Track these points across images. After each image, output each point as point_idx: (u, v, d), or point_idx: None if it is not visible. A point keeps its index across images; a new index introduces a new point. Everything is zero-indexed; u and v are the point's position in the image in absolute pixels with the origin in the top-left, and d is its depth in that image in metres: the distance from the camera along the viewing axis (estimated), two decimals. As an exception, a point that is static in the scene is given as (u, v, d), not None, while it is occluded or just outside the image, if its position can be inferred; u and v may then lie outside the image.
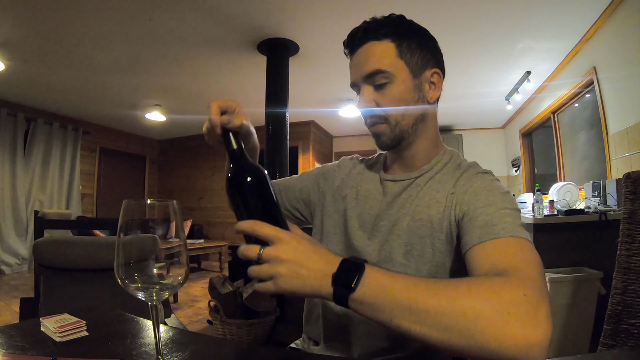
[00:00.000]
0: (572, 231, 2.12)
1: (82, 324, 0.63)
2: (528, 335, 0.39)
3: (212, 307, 2.28)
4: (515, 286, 0.42)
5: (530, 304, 0.41)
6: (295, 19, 2.87)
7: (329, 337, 0.74)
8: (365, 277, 0.44)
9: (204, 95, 4.57)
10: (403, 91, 0.66)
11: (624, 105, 2.54)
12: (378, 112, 0.68)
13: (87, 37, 3.07)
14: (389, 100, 0.67)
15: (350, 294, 0.43)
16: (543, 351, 0.39)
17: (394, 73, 0.65)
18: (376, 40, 0.66)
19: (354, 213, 0.74)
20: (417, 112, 0.69)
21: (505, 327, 0.39)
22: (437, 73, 0.70)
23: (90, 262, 1.39)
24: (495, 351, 0.39)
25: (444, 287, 0.43)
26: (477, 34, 3.05)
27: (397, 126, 0.68)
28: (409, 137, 0.70)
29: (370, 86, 0.67)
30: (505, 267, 0.48)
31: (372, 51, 0.66)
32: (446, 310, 0.41)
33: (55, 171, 5.23)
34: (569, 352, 1.94)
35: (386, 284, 0.44)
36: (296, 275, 0.45)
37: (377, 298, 0.43)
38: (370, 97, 0.67)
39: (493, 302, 0.41)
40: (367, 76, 0.67)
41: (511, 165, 5.61)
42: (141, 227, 0.45)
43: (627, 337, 0.85)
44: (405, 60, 0.66)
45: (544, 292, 0.43)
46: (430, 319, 0.41)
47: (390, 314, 0.42)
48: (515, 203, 0.60)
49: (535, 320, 0.40)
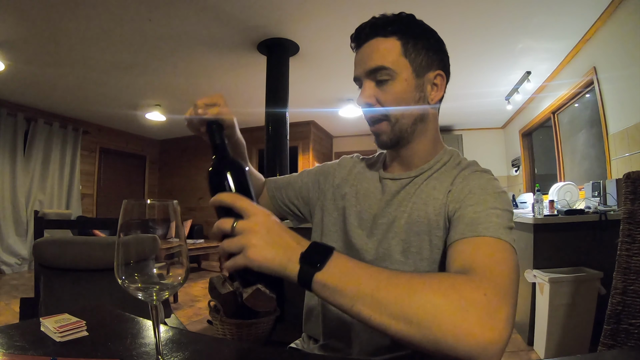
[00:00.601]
0: (572, 231, 2.12)
1: (82, 324, 0.63)
2: (484, 334, 0.39)
3: (212, 307, 2.28)
4: (476, 286, 0.43)
5: (490, 304, 0.41)
6: (295, 19, 2.87)
7: (329, 335, 0.74)
8: (332, 260, 0.45)
9: (203, 95, 4.52)
10: (404, 90, 0.66)
11: (624, 105, 2.54)
12: (377, 108, 0.68)
13: (87, 37, 3.07)
14: (390, 98, 0.67)
15: (315, 272, 0.44)
16: (498, 352, 0.39)
17: (396, 71, 0.65)
18: (383, 37, 0.67)
19: (353, 211, 0.75)
20: (417, 112, 0.69)
21: (463, 323, 0.40)
22: (441, 75, 0.70)
23: (90, 262, 1.39)
24: (452, 347, 0.40)
25: (407, 280, 0.44)
26: (477, 34, 3.05)
27: (397, 124, 0.68)
28: (407, 136, 0.70)
29: (372, 82, 0.68)
30: (473, 265, 0.48)
31: (377, 47, 0.66)
32: (406, 301, 0.42)
33: (55, 171, 5.23)
34: (569, 352, 1.94)
35: (351, 270, 0.45)
36: (266, 246, 0.45)
37: (341, 281, 0.44)
38: (371, 92, 0.67)
39: (452, 298, 0.41)
40: (369, 71, 0.67)
41: (511, 165, 5.61)
42: (141, 227, 0.45)
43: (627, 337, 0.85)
44: (410, 59, 0.66)
45: (507, 295, 0.44)
46: (390, 309, 0.42)
47: (352, 299, 0.43)
48: (508, 204, 0.60)
49: (493, 321, 0.40)
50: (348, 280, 0.44)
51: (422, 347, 0.41)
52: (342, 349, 0.72)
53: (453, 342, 0.39)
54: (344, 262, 0.46)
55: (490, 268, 0.47)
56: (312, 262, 0.44)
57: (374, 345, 0.68)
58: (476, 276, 0.46)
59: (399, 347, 0.67)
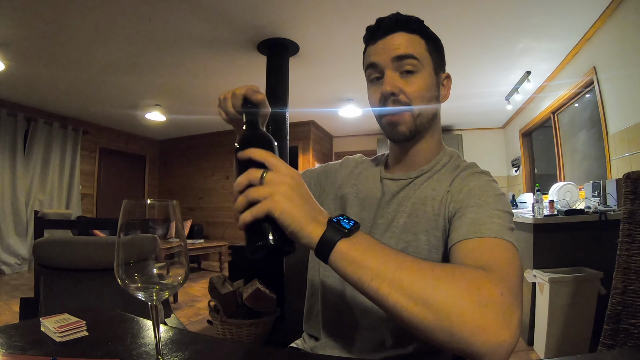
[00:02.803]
0: (572, 231, 2.12)
1: (82, 324, 0.63)
2: (499, 333, 0.39)
3: (212, 307, 2.28)
4: (495, 284, 0.42)
5: (505, 304, 0.41)
6: (295, 19, 2.87)
7: (329, 333, 0.74)
8: (359, 233, 0.45)
9: (203, 95, 4.57)
10: (428, 84, 0.68)
11: (624, 105, 2.54)
12: (402, 99, 0.66)
13: (87, 37, 3.07)
14: (415, 89, 0.66)
15: (342, 238, 0.43)
16: (508, 353, 0.39)
17: (423, 64, 0.67)
18: (407, 32, 0.67)
19: (354, 211, 0.76)
20: (434, 109, 0.71)
21: (481, 318, 0.39)
22: (449, 77, 0.74)
23: (90, 262, 1.39)
24: (466, 340, 0.39)
25: (430, 267, 0.43)
26: (477, 34, 3.05)
27: (419, 117, 0.68)
28: (423, 132, 0.71)
29: (395, 72, 0.66)
30: (487, 263, 0.48)
31: (404, 38, 0.67)
32: (429, 286, 0.41)
33: (55, 171, 5.23)
34: (569, 352, 1.94)
35: (375, 245, 0.45)
36: (295, 197, 0.44)
37: (364, 254, 0.43)
38: (395, 82, 0.66)
39: (473, 291, 0.41)
40: (396, 57, 0.65)
41: (511, 165, 5.61)
42: (141, 227, 0.45)
43: (627, 337, 0.85)
44: (432, 57, 0.69)
45: (518, 297, 0.44)
46: (411, 290, 0.41)
47: (372, 273, 0.42)
48: (508, 206, 0.60)
49: (508, 321, 0.40)
50: (372, 254, 0.43)
51: (434, 336, 0.40)
52: (342, 347, 0.72)
53: (469, 335, 0.39)
54: (368, 238, 0.45)
55: (503, 268, 0.47)
56: (340, 228, 0.44)
57: (374, 343, 0.68)
58: (493, 274, 0.45)
59: (399, 345, 0.67)
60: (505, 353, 0.39)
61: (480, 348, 0.39)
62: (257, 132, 0.53)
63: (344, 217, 0.46)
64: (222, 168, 6.54)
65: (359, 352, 0.69)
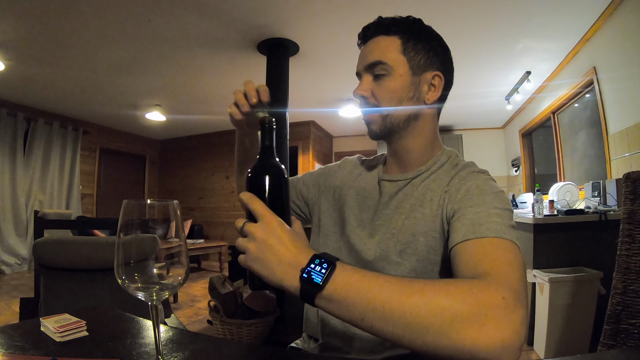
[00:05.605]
0: (572, 231, 2.12)
1: (82, 324, 0.63)
2: (504, 337, 0.39)
3: (212, 307, 2.28)
4: (494, 290, 0.42)
5: (508, 307, 0.41)
6: (295, 19, 2.87)
7: (328, 334, 0.74)
8: (337, 274, 0.43)
9: (203, 95, 4.57)
10: (399, 85, 0.68)
11: (624, 105, 2.54)
12: (371, 101, 0.70)
13: (87, 37, 3.07)
14: (384, 92, 0.69)
15: (318, 292, 0.43)
16: (516, 354, 0.39)
17: (393, 67, 0.68)
18: (385, 35, 0.70)
19: (352, 212, 0.75)
20: (411, 109, 0.70)
21: (482, 328, 0.39)
22: (439, 76, 0.71)
23: (90, 262, 1.39)
24: (470, 351, 0.39)
25: (420, 288, 0.42)
26: (477, 34, 3.05)
27: (388, 117, 0.70)
28: (399, 132, 0.71)
29: (370, 76, 0.70)
30: (486, 268, 0.48)
31: (379, 44, 0.69)
32: (422, 310, 0.41)
33: (55, 171, 5.23)
34: (569, 352, 1.94)
35: (358, 282, 0.43)
36: (261, 258, 0.45)
37: (348, 295, 0.43)
38: (367, 86, 0.70)
39: (470, 303, 0.41)
40: (368, 66, 0.70)
41: (511, 165, 5.61)
42: (141, 227, 0.45)
43: (627, 337, 0.85)
44: (408, 57, 0.68)
45: (522, 296, 0.44)
46: (405, 320, 0.41)
47: (361, 313, 0.42)
48: (507, 203, 0.60)
49: (512, 323, 0.40)
50: (356, 293, 0.42)
51: (438, 354, 0.41)
52: (341, 348, 0.72)
53: (471, 347, 0.39)
54: (350, 274, 0.44)
55: (503, 270, 0.47)
56: (314, 281, 0.43)
57: (373, 343, 0.68)
58: (492, 279, 0.45)
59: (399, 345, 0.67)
60: (513, 352, 0.39)
61: (485, 355, 0.39)
62: (269, 162, 0.53)
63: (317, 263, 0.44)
64: (222, 168, 6.54)
65: (359, 353, 0.69)
